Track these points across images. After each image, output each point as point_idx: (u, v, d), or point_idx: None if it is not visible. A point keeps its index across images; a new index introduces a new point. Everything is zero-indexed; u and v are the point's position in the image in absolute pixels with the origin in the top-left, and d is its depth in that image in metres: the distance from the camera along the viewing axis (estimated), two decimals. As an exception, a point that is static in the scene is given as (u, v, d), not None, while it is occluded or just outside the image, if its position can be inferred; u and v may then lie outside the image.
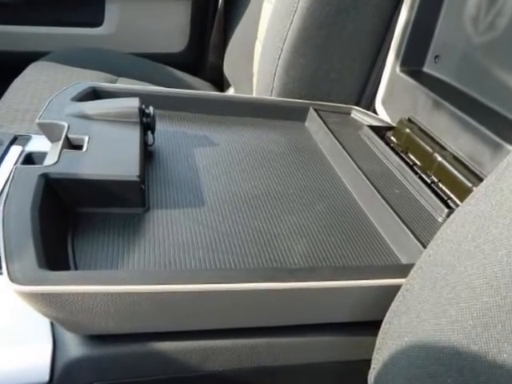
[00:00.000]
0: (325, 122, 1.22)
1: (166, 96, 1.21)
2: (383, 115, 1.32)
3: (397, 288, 0.72)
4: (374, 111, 1.37)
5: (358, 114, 1.33)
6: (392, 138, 1.23)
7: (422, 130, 1.16)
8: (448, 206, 0.96)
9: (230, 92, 2.18)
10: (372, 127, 1.24)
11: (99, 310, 0.66)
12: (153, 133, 1.04)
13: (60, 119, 0.96)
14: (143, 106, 1.02)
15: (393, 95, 1.29)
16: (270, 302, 0.73)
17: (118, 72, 1.86)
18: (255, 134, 1.19)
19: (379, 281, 0.74)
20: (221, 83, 2.27)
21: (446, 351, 0.59)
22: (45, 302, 0.63)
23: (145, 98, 1.08)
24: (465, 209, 0.65)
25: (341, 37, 1.34)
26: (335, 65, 1.39)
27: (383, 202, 0.93)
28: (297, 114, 1.30)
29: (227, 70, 2.16)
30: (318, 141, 1.21)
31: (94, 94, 1.13)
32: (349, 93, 1.46)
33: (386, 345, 0.70)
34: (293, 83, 1.41)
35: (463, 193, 0.97)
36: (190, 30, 2.24)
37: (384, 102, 1.32)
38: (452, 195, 1.01)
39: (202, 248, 0.80)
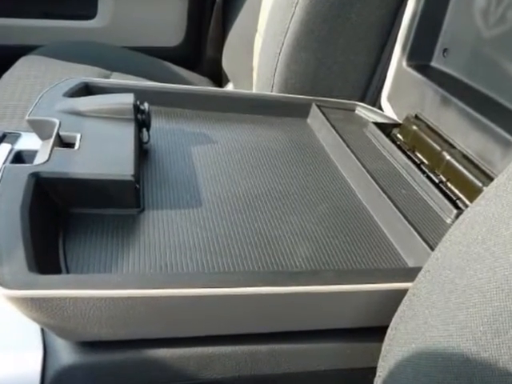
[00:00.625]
0: (328, 119, 1.22)
1: (161, 92, 1.21)
2: (389, 112, 1.32)
3: (403, 292, 0.72)
4: (380, 108, 1.37)
5: (363, 111, 1.33)
6: (398, 135, 1.23)
7: (429, 128, 1.16)
8: (457, 207, 0.96)
9: (229, 87, 2.18)
10: (377, 124, 1.24)
11: (92, 316, 0.66)
12: (148, 130, 1.04)
13: (51, 116, 0.96)
14: (138, 102, 1.02)
15: (399, 91, 1.29)
16: (270, 306, 0.73)
17: (112, 66, 1.86)
18: (255, 131, 1.19)
19: (385, 285, 0.74)
20: (219, 78, 2.27)
21: (455, 358, 0.59)
22: (35, 307, 0.63)
23: (139, 94, 1.08)
24: (474, 210, 0.65)
25: (344, 30, 1.34)
26: (338, 59, 1.40)
27: (389, 202, 0.93)
28: (299, 111, 1.30)
29: (226, 65, 2.16)
30: (320, 138, 1.21)
31: (87, 90, 1.13)
32: (353, 88, 1.46)
33: (392, 352, 0.70)
34: (294, 78, 1.41)
35: (473, 193, 0.97)
36: (186, 22, 2.24)
37: (390, 98, 1.32)
38: (461, 195, 1.01)
39: (199, 250, 0.80)
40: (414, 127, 1.18)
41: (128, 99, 1.01)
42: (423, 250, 0.83)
